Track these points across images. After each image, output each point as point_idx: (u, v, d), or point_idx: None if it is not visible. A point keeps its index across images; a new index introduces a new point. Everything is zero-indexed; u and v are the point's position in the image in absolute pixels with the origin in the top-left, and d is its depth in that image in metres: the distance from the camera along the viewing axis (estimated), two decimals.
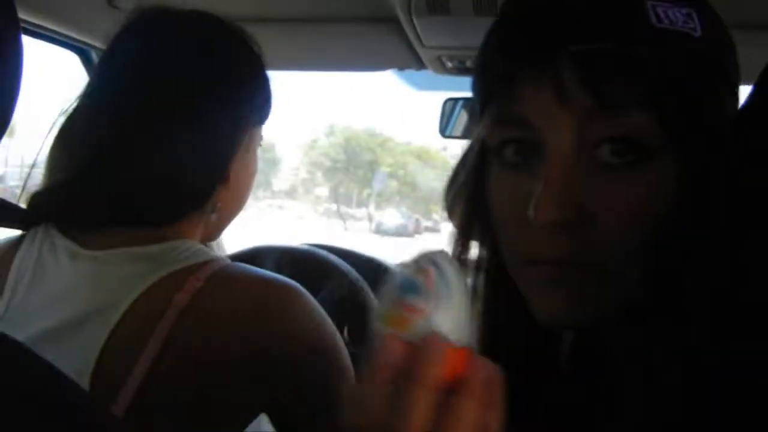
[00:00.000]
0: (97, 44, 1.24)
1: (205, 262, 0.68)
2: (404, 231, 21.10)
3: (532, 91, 0.46)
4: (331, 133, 28.12)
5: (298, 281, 0.79)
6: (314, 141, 28.49)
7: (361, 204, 28.39)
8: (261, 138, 0.83)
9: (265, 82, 0.79)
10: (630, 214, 0.46)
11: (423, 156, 29.39)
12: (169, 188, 0.70)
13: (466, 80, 1.20)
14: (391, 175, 28.30)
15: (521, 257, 0.52)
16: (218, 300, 0.65)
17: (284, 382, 0.68)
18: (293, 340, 0.69)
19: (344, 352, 0.74)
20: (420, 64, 1.30)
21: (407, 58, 1.27)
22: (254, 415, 0.70)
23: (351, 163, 27.31)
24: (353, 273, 1.43)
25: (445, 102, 1.45)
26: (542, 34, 0.47)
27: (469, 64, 1.27)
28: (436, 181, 28.77)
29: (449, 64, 1.27)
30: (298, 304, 0.71)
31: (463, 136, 1.46)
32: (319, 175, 28.43)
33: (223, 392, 0.64)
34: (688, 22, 0.46)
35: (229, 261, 0.71)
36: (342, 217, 25.41)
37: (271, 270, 0.73)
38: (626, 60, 0.44)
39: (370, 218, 25.23)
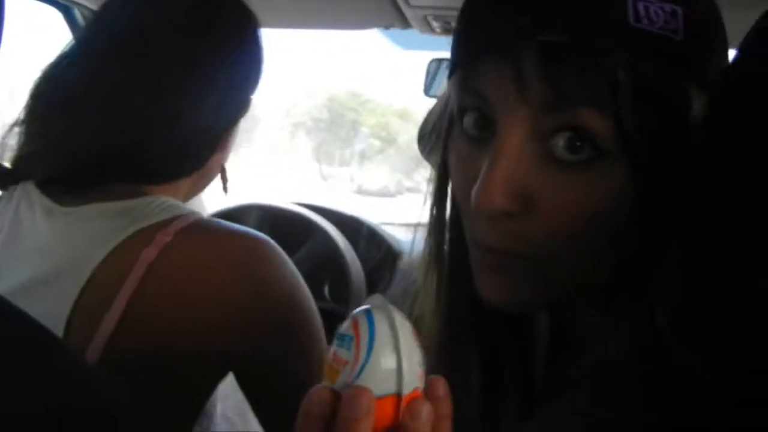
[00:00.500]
0: (81, 1, 1.23)
1: (177, 217, 0.67)
2: (386, 191, 21.06)
3: (494, 74, 0.45)
4: (313, 92, 28.44)
5: (279, 239, 0.77)
6: (296, 100, 28.74)
7: (343, 164, 28.31)
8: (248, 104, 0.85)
9: (259, 48, 0.78)
10: (576, 212, 0.45)
11: (406, 117, 29.26)
12: (167, 151, 0.70)
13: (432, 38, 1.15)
14: (374, 136, 28.04)
15: (468, 234, 0.51)
16: (187, 255, 0.65)
17: (252, 339, 0.67)
18: (264, 296, 0.68)
19: (315, 314, 0.73)
20: (406, 24, 1.30)
21: (393, 17, 1.26)
22: (222, 374, 0.70)
23: (333, 122, 27.84)
24: (335, 231, 1.42)
25: (431, 62, 1.44)
26: (510, 20, 0.45)
27: (455, 24, 1.31)
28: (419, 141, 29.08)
29: (435, 24, 1.27)
30: (271, 259, 0.70)
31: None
32: (301, 133, 28.94)
33: (190, 348, 0.64)
34: (670, 22, 0.43)
35: (201, 216, 0.70)
36: (324, 176, 25.77)
37: (252, 228, 0.72)
38: (590, 58, 0.42)
39: (351, 178, 25.07)
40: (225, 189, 0.79)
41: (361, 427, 0.40)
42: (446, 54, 1.28)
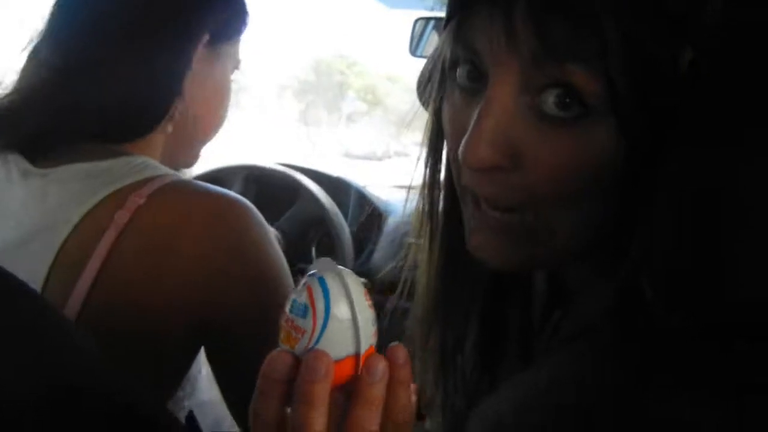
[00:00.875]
0: None
1: (151, 178, 0.67)
2: (373, 155, 20.95)
3: (485, 26, 0.45)
4: (300, 54, 27.98)
5: (265, 200, 0.79)
6: (282, 62, 28.34)
7: (330, 127, 28.08)
8: (237, 60, 0.82)
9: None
10: (564, 168, 0.45)
11: (393, 79, 28.98)
12: (123, 104, 0.70)
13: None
14: (361, 99, 27.78)
15: (458, 187, 0.52)
16: (158, 216, 0.65)
17: (224, 297, 0.68)
18: (235, 253, 0.68)
19: (286, 275, 0.73)
20: None
21: None
22: (199, 333, 0.69)
23: (320, 85, 27.46)
24: (321, 192, 1.44)
25: (416, 21, 1.43)
26: None
27: None
28: (406, 104, 28.86)
29: None
30: (243, 217, 0.70)
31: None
32: (288, 95, 28.60)
33: (165, 307, 0.65)
34: None
35: (177, 177, 0.70)
36: (311, 139, 25.60)
37: (238, 189, 0.77)
38: (579, 12, 0.42)
39: (339, 141, 24.90)
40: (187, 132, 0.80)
41: (320, 388, 0.42)
42: (432, 13, 1.34)
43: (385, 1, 1.74)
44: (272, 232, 0.75)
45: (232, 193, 0.72)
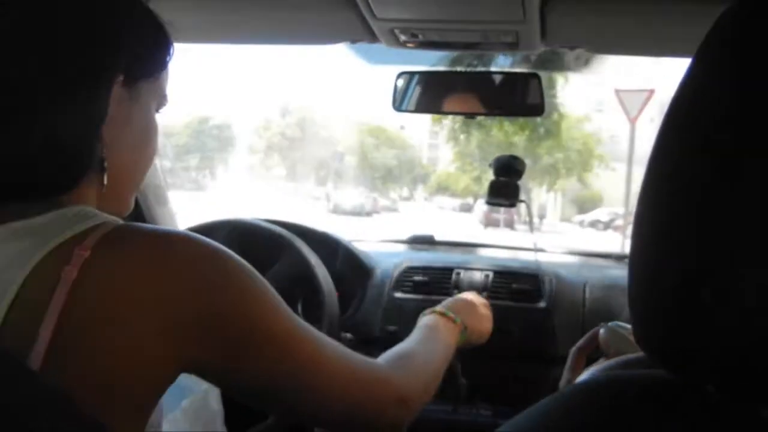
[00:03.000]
0: None
1: (93, 228, 0.62)
2: (361, 210, 21.41)
3: None
4: (286, 111, 27.76)
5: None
6: (269, 122, 27.93)
7: (319, 183, 28.92)
8: (162, 96, 0.75)
9: (137, 28, 0.69)
10: None
11: (380, 135, 29.36)
12: (42, 156, 0.64)
13: (420, 53, 1.29)
14: (349, 154, 28.70)
15: None
16: (109, 267, 0.60)
17: (199, 341, 0.62)
18: (201, 294, 0.62)
19: (260, 291, 0.66)
20: (373, 38, 1.24)
21: (359, 31, 1.20)
22: (166, 379, 0.63)
23: (307, 142, 26.92)
24: (307, 248, 1.38)
25: (399, 75, 1.40)
26: None
27: (422, 37, 1.22)
28: (393, 159, 29.33)
29: (402, 37, 1.21)
30: (201, 253, 0.64)
31: (416, 111, 1.45)
32: (275, 154, 28.04)
33: (128, 360, 0.59)
34: None
35: (119, 223, 0.64)
36: (300, 196, 25.15)
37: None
38: None
39: (327, 197, 24.64)
40: (101, 182, 0.69)
41: None
42: (413, 67, 1.44)
43: (365, 57, 1.64)
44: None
45: (183, 231, 0.67)
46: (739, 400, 0.38)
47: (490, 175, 1.56)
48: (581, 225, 22.50)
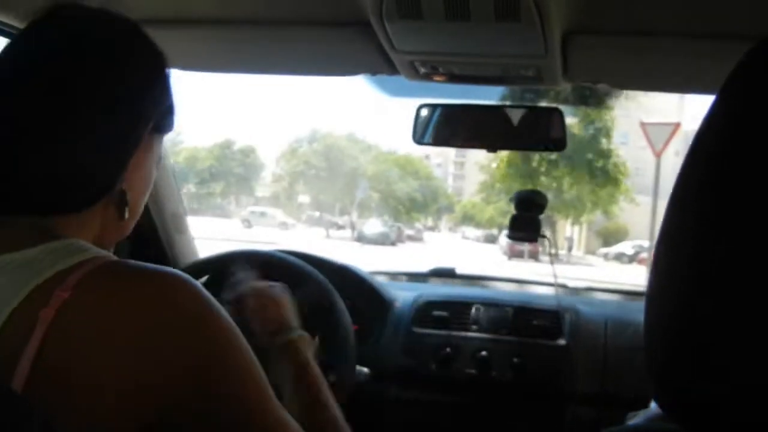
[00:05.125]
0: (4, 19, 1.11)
1: (77, 266, 0.60)
2: (386, 239, 21.55)
3: None
4: (313, 139, 27.77)
5: None
6: (295, 149, 28.09)
7: (343, 212, 29.09)
8: (159, 155, 0.79)
9: (167, 87, 0.75)
10: None
11: (406, 165, 29.53)
12: (72, 172, 0.66)
13: (439, 86, 1.26)
14: (374, 184, 28.50)
15: None
16: (88, 308, 0.58)
17: (179, 384, 0.59)
18: (184, 335, 0.60)
19: (237, 344, 0.64)
20: (392, 70, 1.23)
21: (379, 62, 1.20)
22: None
23: (333, 170, 27.02)
24: (325, 281, 1.33)
25: (419, 108, 1.39)
26: None
27: (442, 69, 1.20)
28: (418, 190, 29.10)
29: (422, 70, 1.20)
30: (184, 292, 0.62)
31: (435, 143, 1.42)
32: (301, 182, 28.27)
33: (109, 407, 0.57)
34: None
35: (108, 259, 0.62)
36: (324, 224, 25.48)
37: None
38: None
39: (352, 226, 25.16)
40: (121, 214, 0.72)
41: None
42: (433, 100, 1.39)
43: (385, 90, 1.60)
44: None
45: (166, 268, 0.64)
46: None
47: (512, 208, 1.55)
48: (606, 258, 22.51)
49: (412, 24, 1.01)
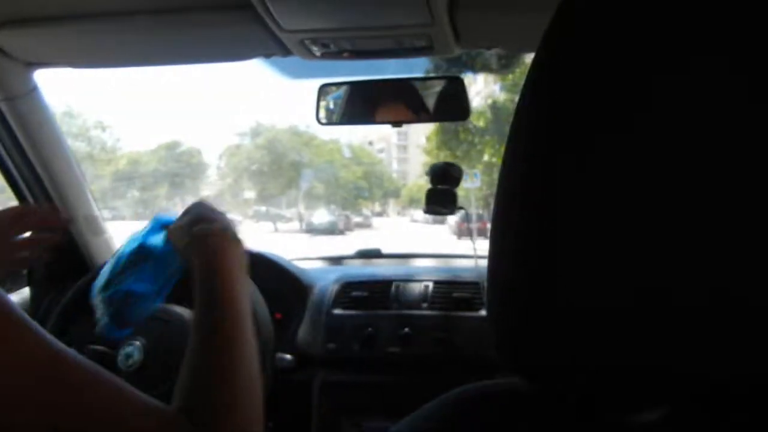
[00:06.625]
0: None
1: None
2: (334, 228, 21.57)
3: None
4: (255, 134, 28.02)
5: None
6: (238, 146, 28.41)
7: (291, 205, 28.99)
8: None
9: None
10: None
11: (348, 152, 29.75)
12: None
13: (339, 64, 1.26)
14: (318, 174, 28.65)
15: None
16: None
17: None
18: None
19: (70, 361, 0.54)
20: (285, 51, 1.21)
21: (270, 44, 1.18)
22: None
23: (277, 164, 27.20)
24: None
25: (321, 87, 1.37)
26: None
27: (333, 46, 1.18)
28: (363, 177, 29.56)
29: (315, 49, 1.18)
30: None
31: (342, 123, 1.40)
32: (245, 178, 28.37)
33: None
34: None
35: None
36: (272, 218, 25.45)
37: None
38: None
39: (300, 218, 25.14)
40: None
41: None
42: (334, 79, 1.38)
43: (285, 72, 1.63)
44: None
45: None
46: (598, 408, 0.38)
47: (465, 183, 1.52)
48: None
49: (295, 1, 1.00)
